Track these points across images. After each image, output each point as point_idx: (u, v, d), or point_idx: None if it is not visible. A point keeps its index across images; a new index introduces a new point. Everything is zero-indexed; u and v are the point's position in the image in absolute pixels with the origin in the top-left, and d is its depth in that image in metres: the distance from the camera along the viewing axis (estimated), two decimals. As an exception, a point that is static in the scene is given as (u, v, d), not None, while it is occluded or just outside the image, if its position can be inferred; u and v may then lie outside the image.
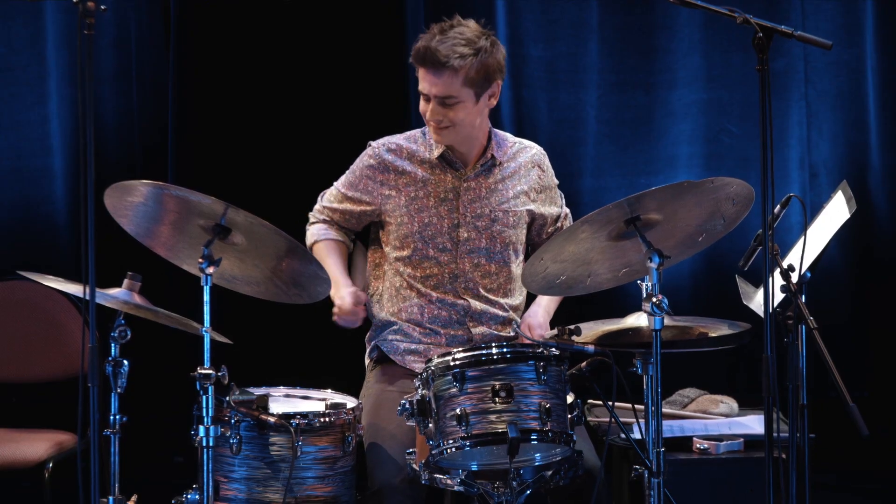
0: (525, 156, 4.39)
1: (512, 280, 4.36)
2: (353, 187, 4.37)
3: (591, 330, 3.91)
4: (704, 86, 5.64)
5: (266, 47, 5.48)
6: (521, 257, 4.39)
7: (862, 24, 5.64)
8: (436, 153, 4.29)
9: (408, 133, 4.39)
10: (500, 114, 5.51)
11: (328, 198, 4.44)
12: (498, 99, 4.27)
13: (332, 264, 4.32)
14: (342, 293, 4.19)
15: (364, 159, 4.37)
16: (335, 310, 4.18)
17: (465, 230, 4.30)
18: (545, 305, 4.39)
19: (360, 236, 4.51)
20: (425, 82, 4.18)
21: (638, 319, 3.92)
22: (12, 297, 4.97)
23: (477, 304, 4.30)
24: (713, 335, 3.91)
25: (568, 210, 4.50)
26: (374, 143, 4.38)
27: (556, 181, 4.46)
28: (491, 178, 4.33)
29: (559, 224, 4.44)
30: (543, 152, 4.44)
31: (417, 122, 5.37)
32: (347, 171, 4.41)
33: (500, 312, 4.33)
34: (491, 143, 4.32)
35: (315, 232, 4.44)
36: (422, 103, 4.24)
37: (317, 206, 4.47)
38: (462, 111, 4.19)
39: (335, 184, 4.44)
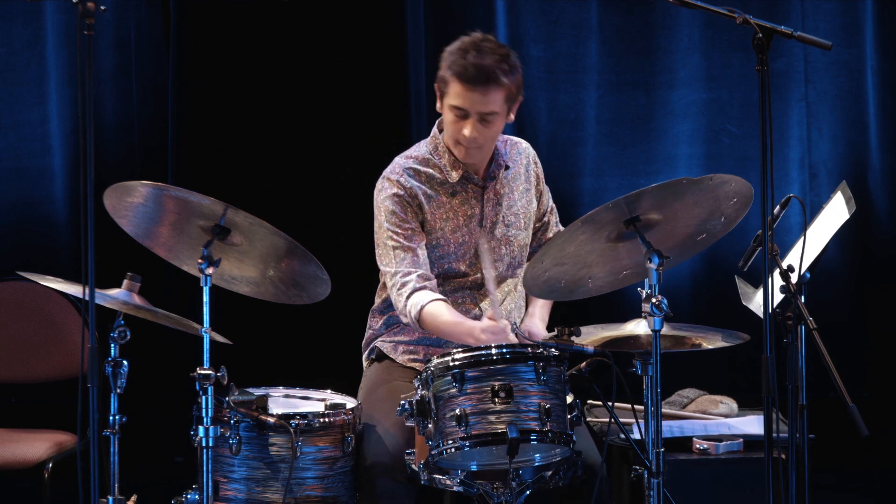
0: (519, 152, 4.36)
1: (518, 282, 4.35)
2: (403, 224, 4.18)
3: (590, 335, 3.89)
4: (704, 86, 5.64)
5: (266, 47, 5.47)
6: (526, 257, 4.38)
7: (862, 24, 5.64)
8: (455, 176, 4.21)
9: (413, 154, 4.26)
10: (500, 114, 5.51)
11: (397, 268, 4.15)
12: None
13: (452, 318, 4.07)
14: (480, 325, 3.99)
15: (388, 191, 4.19)
16: (487, 336, 3.95)
17: (486, 240, 4.28)
18: (538, 314, 4.35)
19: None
20: (470, 100, 4.07)
21: (637, 326, 3.90)
22: (12, 297, 4.96)
23: (489, 311, 4.26)
24: (708, 346, 3.91)
25: (553, 204, 4.47)
26: (390, 175, 4.21)
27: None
28: (498, 182, 4.29)
29: (546, 219, 4.43)
30: (530, 145, 4.41)
31: (417, 122, 5.38)
32: (385, 225, 4.17)
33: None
34: (497, 149, 4.29)
35: (416, 302, 4.10)
36: (455, 122, 4.12)
37: (398, 291, 4.13)
38: (496, 127, 4.13)
39: (383, 253, 4.17)
